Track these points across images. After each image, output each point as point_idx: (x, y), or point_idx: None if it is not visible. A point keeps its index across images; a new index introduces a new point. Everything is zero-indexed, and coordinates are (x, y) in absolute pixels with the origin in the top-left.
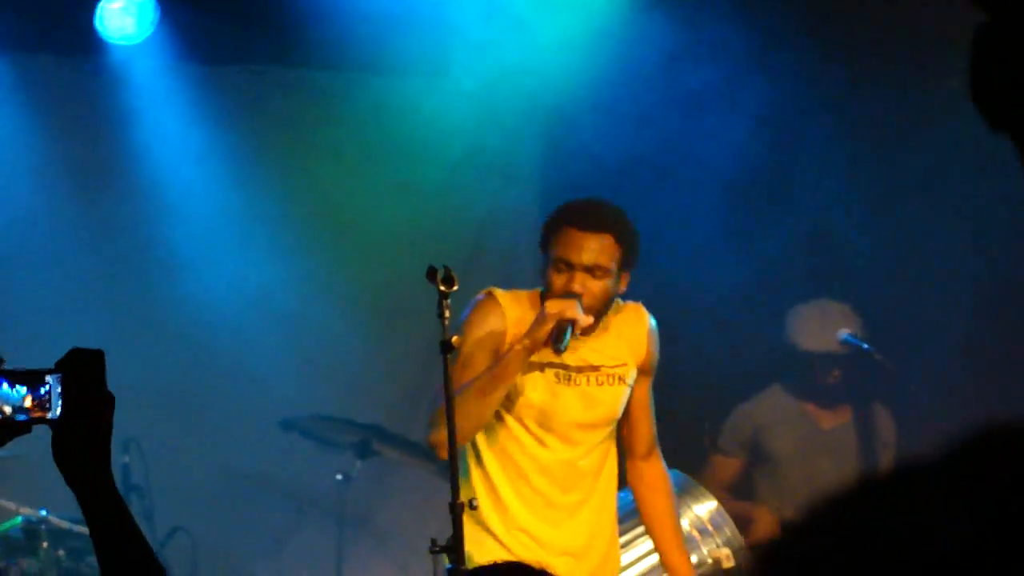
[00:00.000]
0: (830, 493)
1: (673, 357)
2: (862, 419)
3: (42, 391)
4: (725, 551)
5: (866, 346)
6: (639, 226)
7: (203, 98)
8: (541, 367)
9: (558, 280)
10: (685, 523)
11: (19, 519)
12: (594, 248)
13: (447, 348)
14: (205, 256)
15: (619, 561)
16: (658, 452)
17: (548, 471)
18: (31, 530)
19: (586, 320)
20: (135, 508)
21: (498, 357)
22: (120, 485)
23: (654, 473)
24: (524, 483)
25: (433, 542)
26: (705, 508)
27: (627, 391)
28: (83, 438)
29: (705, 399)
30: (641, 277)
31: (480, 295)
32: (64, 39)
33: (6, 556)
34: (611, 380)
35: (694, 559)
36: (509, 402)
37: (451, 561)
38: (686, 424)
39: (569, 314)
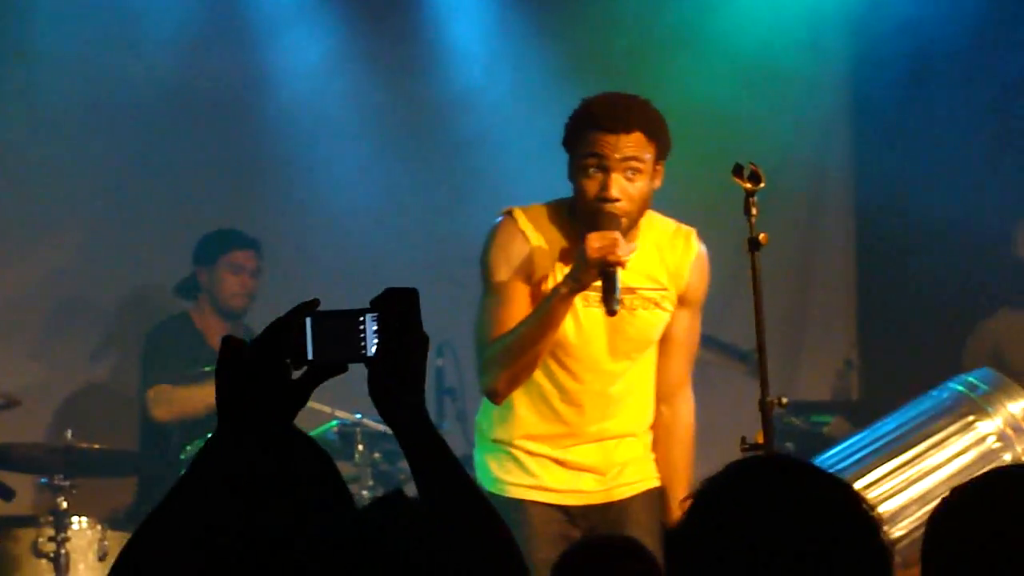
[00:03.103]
0: None
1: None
2: None
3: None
4: None
5: None
6: (933, 130)
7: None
8: None
9: (591, 185)
10: (999, 421)
11: (335, 423)
12: (626, 149)
13: (755, 246)
14: (527, 184)
15: (648, 464)
16: (685, 395)
17: (575, 401)
18: (346, 433)
19: (629, 250)
20: (449, 410)
21: (539, 298)
22: (434, 388)
23: (673, 416)
24: (549, 411)
25: (743, 440)
26: (1019, 406)
27: (665, 318)
28: (399, 377)
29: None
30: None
31: (498, 217)
32: None
33: None
34: (646, 305)
35: (1007, 457)
36: None
37: None
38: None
39: (612, 257)
